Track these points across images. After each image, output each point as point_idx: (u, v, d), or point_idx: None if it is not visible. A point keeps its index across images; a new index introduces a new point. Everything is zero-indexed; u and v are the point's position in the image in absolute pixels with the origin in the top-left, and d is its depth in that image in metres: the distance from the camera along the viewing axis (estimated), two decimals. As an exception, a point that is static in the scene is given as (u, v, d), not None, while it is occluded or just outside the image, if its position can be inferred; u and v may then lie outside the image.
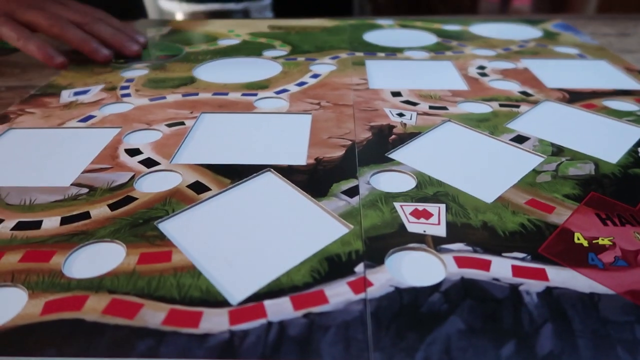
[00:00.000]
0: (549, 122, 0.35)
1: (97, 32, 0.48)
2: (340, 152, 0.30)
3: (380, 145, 0.31)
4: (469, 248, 0.22)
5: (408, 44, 0.53)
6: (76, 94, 0.40)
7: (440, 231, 0.23)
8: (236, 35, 0.57)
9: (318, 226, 0.24)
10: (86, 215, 0.25)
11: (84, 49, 0.46)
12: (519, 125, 0.34)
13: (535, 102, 0.38)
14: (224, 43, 0.54)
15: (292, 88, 0.41)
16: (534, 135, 0.32)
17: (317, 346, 0.18)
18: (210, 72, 0.45)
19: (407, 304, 0.19)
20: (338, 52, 0.50)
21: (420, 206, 0.25)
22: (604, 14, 0.72)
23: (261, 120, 0.35)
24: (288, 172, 0.28)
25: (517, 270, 0.21)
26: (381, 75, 0.44)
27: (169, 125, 0.34)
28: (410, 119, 0.35)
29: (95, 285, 0.20)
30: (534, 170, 0.28)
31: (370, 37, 0.56)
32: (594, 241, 0.23)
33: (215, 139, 0.33)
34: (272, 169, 0.29)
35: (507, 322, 0.19)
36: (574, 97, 0.39)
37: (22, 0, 0.47)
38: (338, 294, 0.20)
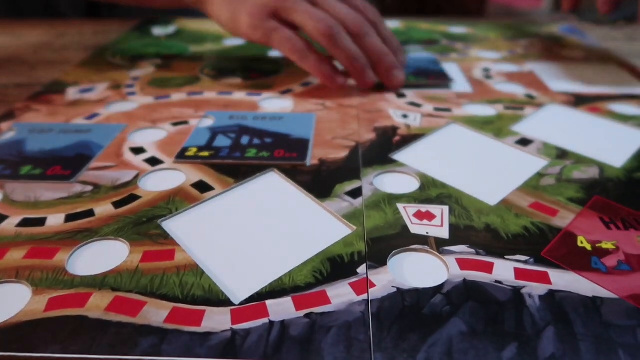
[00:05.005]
0: (554, 125, 0.35)
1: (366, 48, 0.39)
2: (344, 153, 0.30)
3: (384, 146, 0.31)
4: (472, 250, 0.22)
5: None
6: (82, 91, 0.40)
7: (443, 233, 0.23)
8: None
9: (321, 227, 0.24)
10: (90, 213, 0.25)
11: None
12: (523, 128, 0.34)
13: (540, 105, 0.37)
14: (228, 43, 0.54)
15: (297, 88, 0.41)
16: (538, 138, 0.32)
17: (318, 346, 0.18)
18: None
19: (409, 306, 0.19)
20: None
21: (424, 208, 0.25)
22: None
23: (265, 120, 0.35)
24: (292, 173, 0.28)
25: (519, 273, 0.21)
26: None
27: (174, 124, 0.34)
28: (415, 120, 0.35)
29: (99, 282, 0.20)
30: (538, 173, 0.28)
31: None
32: (597, 245, 0.23)
33: (219, 138, 0.33)
34: (276, 169, 0.29)
35: (509, 325, 0.19)
36: (579, 100, 0.39)
37: None
38: (340, 294, 0.20)
